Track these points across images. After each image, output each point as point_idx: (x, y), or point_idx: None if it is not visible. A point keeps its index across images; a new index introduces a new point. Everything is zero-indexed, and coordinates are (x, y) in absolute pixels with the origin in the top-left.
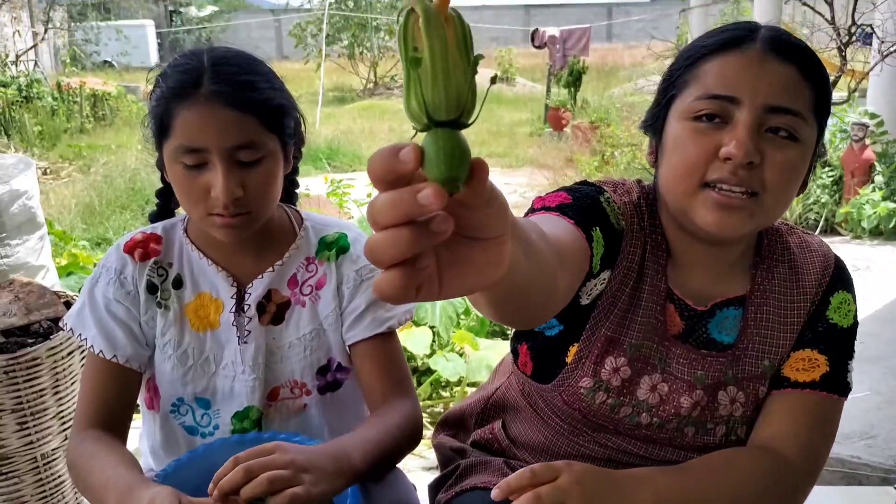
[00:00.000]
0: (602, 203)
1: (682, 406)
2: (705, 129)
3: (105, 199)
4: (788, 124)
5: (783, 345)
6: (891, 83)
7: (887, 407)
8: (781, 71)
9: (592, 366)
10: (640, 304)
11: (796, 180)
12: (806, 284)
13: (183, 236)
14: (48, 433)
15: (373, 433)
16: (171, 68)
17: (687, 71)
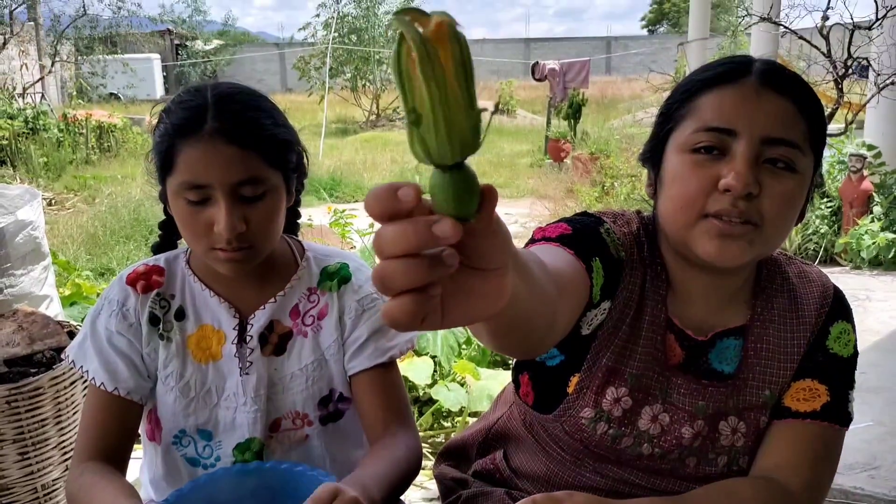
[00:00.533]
0: (602, 234)
1: (684, 436)
2: (704, 162)
3: (109, 229)
4: (786, 155)
5: (783, 374)
6: (888, 115)
7: (890, 438)
8: (777, 103)
9: (594, 396)
10: (641, 333)
11: (794, 210)
12: (805, 314)
13: (185, 268)
14: (49, 463)
15: (385, 467)
16: (175, 104)
17: (683, 104)
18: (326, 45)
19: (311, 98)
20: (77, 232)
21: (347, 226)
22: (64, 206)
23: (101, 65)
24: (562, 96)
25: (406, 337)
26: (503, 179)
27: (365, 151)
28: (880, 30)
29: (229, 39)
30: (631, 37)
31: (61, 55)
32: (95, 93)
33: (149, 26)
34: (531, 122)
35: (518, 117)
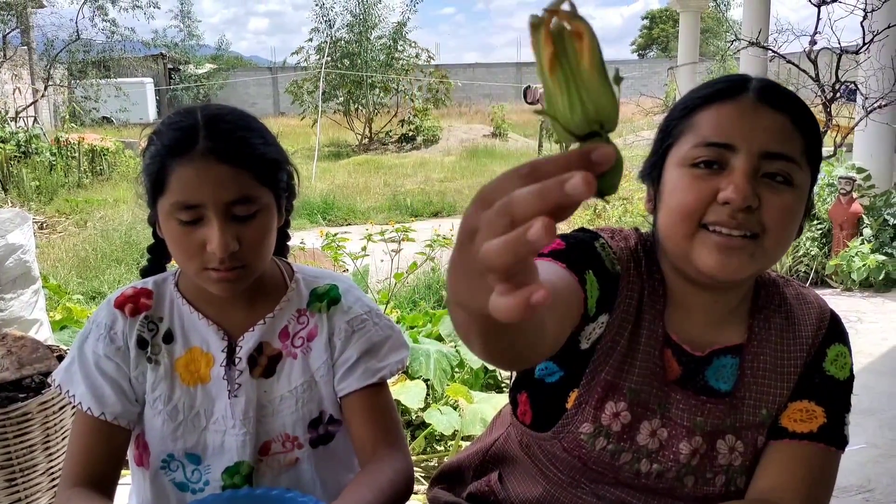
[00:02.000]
0: (597, 248)
1: (682, 452)
2: (703, 175)
3: (101, 252)
4: (784, 169)
5: (780, 394)
6: (876, 138)
7: (884, 460)
8: (775, 118)
9: (593, 411)
10: (639, 348)
11: (794, 223)
12: (802, 335)
13: (174, 290)
14: (37, 490)
15: (366, 494)
16: (166, 126)
17: (683, 121)
18: (319, 69)
19: (303, 122)
20: (68, 255)
21: (340, 249)
22: (55, 230)
23: (93, 89)
24: None
25: (396, 357)
26: None
27: (357, 175)
28: (867, 54)
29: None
30: (621, 61)
31: (54, 79)
32: (88, 116)
33: (142, 51)
34: (523, 145)
35: (510, 140)
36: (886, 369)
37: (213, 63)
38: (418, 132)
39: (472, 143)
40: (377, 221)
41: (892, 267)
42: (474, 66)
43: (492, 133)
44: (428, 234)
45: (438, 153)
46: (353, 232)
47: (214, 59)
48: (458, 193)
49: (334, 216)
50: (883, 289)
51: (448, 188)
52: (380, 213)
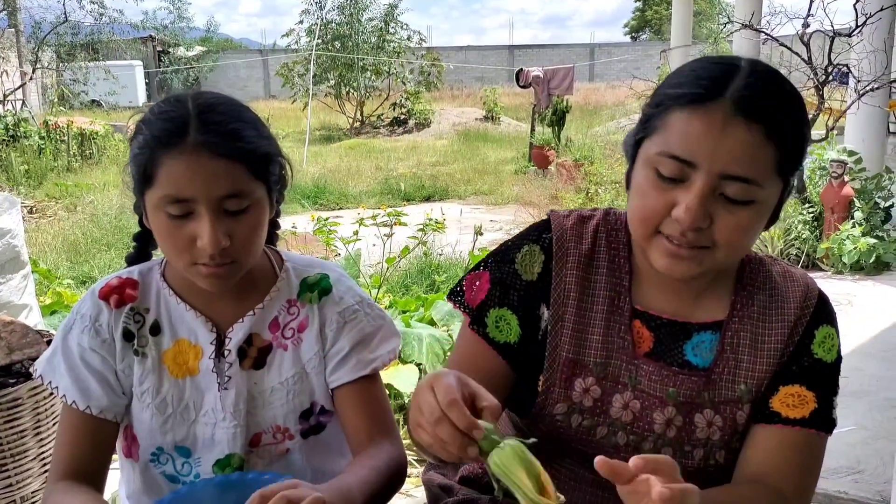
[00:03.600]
0: (516, 265)
1: (655, 422)
2: (663, 186)
3: (91, 237)
4: (742, 192)
5: (760, 370)
6: (868, 121)
7: (873, 442)
8: (743, 139)
9: (563, 391)
10: (597, 322)
11: (749, 236)
12: (785, 311)
13: (160, 281)
14: (28, 475)
15: (368, 473)
16: (155, 115)
17: (656, 116)
18: (310, 51)
19: (294, 105)
20: (58, 240)
21: (332, 233)
22: (45, 214)
23: (82, 72)
24: (546, 103)
25: (388, 348)
26: (487, 186)
27: (349, 159)
28: (860, 37)
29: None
30: (614, 44)
31: (42, 62)
32: (77, 100)
33: (131, 33)
34: (515, 129)
35: (502, 124)
36: (876, 352)
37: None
38: (410, 116)
39: (465, 126)
40: (369, 206)
41: (882, 250)
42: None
43: (484, 116)
44: (420, 219)
45: (430, 137)
46: (344, 216)
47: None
48: (451, 177)
49: (326, 200)
50: (873, 272)
51: (440, 172)
52: (372, 198)
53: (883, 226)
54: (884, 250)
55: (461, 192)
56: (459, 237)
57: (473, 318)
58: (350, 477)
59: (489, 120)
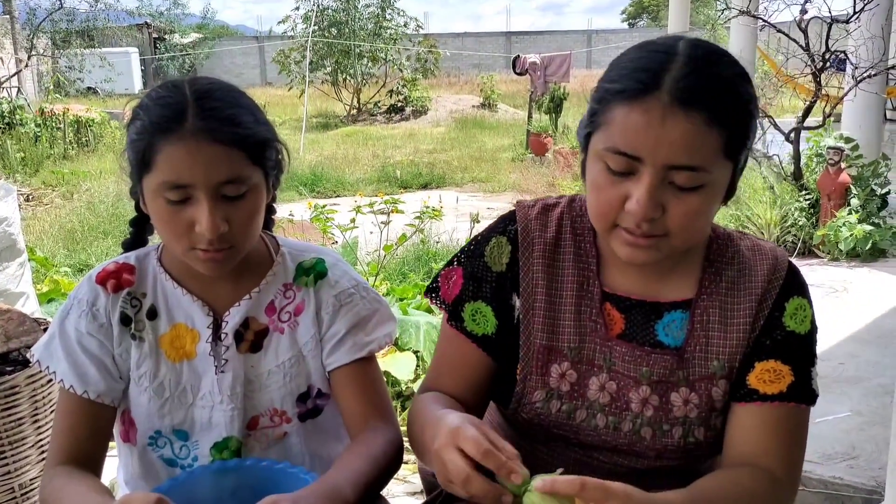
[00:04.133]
0: (486, 258)
1: (632, 402)
2: (614, 181)
3: (87, 225)
4: (690, 180)
5: (731, 345)
6: (865, 108)
7: (868, 428)
8: (683, 129)
9: (539, 377)
10: (568, 307)
11: (704, 218)
12: (753, 284)
13: (157, 266)
14: (26, 462)
15: (361, 464)
16: (152, 101)
17: (600, 111)
18: (306, 38)
19: (291, 92)
20: (54, 228)
21: (329, 221)
22: (41, 202)
23: (78, 59)
24: (543, 90)
25: (384, 331)
26: (485, 174)
27: (346, 146)
28: (857, 23)
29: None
30: (612, 30)
31: (37, 49)
32: (73, 87)
33: (126, 20)
34: (513, 116)
35: (499, 111)
36: (872, 338)
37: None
38: (407, 103)
39: (462, 113)
40: (366, 193)
41: (878, 237)
42: (463, 35)
43: (481, 104)
44: (417, 206)
45: (427, 124)
46: (341, 204)
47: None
48: (448, 165)
49: (323, 188)
50: (869, 259)
51: (437, 160)
52: (369, 185)
53: (879, 213)
54: (880, 237)
55: (458, 180)
56: (457, 225)
57: (450, 313)
58: (339, 473)
59: (486, 107)
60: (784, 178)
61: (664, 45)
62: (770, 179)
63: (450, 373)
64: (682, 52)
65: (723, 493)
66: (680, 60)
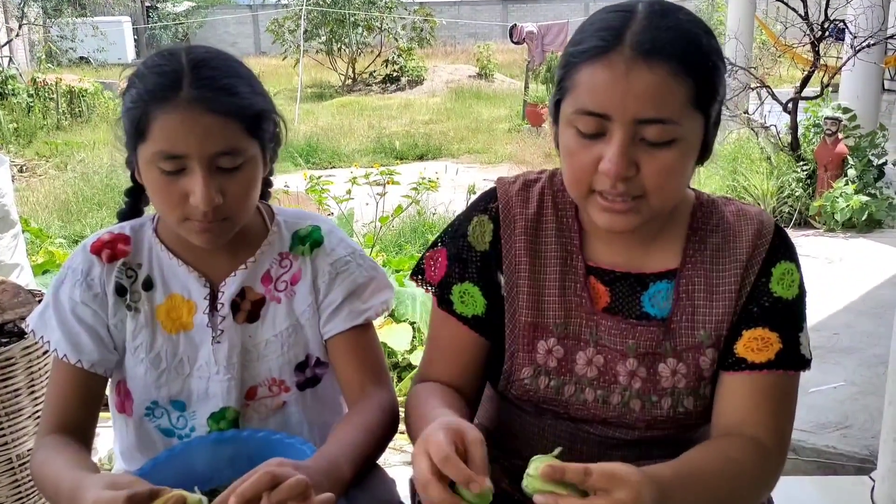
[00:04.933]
0: (468, 238)
1: (620, 375)
2: (586, 144)
3: (82, 196)
4: (660, 133)
5: (717, 314)
6: (863, 78)
7: (862, 397)
8: (649, 81)
9: (526, 354)
10: (552, 283)
11: (680, 176)
12: (737, 251)
13: (152, 236)
14: (23, 433)
15: (357, 436)
16: (148, 69)
17: (567, 76)
18: (300, 7)
19: (285, 62)
20: (49, 199)
21: (324, 192)
22: (35, 173)
23: (70, 28)
24: (540, 60)
25: (381, 298)
26: (480, 145)
27: (342, 116)
28: None
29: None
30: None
31: (28, 18)
32: (65, 56)
33: None
34: (509, 86)
35: (496, 81)
36: (866, 309)
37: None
38: (403, 73)
39: (458, 83)
40: (362, 164)
41: (874, 208)
42: (459, 3)
43: (477, 74)
44: (413, 177)
45: (423, 94)
46: (337, 175)
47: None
48: (444, 136)
49: (318, 159)
50: (865, 230)
51: (433, 130)
52: (364, 156)
53: (876, 183)
54: (876, 208)
55: (454, 151)
56: (453, 196)
57: (439, 297)
58: (338, 449)
59: (482, 77)
60: (781, 149)
61: (624, 5)
62: (767, 150)
63: (443, 357)
64: (642, 10)
65: (710, 465)
66: (639, 17)
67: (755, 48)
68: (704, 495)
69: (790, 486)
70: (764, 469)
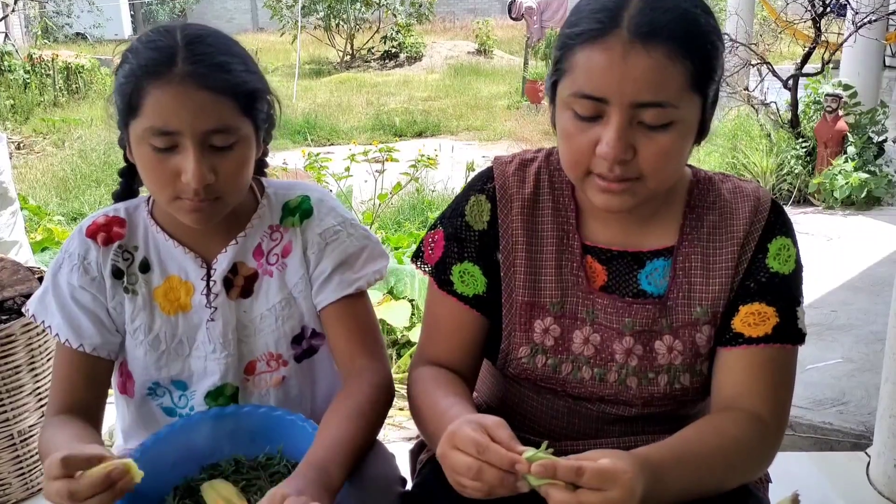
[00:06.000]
0: (466, 217)
1: (616, 353)
2: (583, 126)
3: (79, 173)
4: (658, 117)
5: (714, 290)
6: (864, 54)
7: (858, 374)
8: (646, 64)
9: (523, 333)
10: (549, 262)
11: (676, 158)
12: (734, 227)
13: (147, 218)
14: (24, 410)
15: (348, 429)
16: (142, 44)
17: (563, 58)
18: None
19: (283, 38)
20: (47, 176)
21: (323, 169)
22: (33, 150)
23: (66, 3)
24: (539, 36)
25: (373, 267)
26: (480, 122)
27: (340, 93)
28: None
29: None
30: None
31: None
32: (61, 32)
33: None
34: (508, 62)
35: (495, 58)
36: (864, 286)
37: None
38: (401, 49)
39: (457, 60)
40: (360, 141)
41: (874, 185)
42: None
43: (476, 50)
44: (412, 154)
45: (422, 71)
46: (335, 152)
47: None
48: (443, 113)
49: (316, 136)
50: (864, 207)
51: (432, 107)
52: (363, 133)
53: (875, 161)
54: (875, 185)
55: (453, 128)
56: (452, 173)
57: (439, 279)
58: (323, 450)
59: (482, 53)
60: (781, 126)
61: None
62: (767, 127)
63: (444, 337)
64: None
65: (706, 442)
66: (633, 6)
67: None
68: (701, 472)
69: (787, 461)
70: (761, 443)
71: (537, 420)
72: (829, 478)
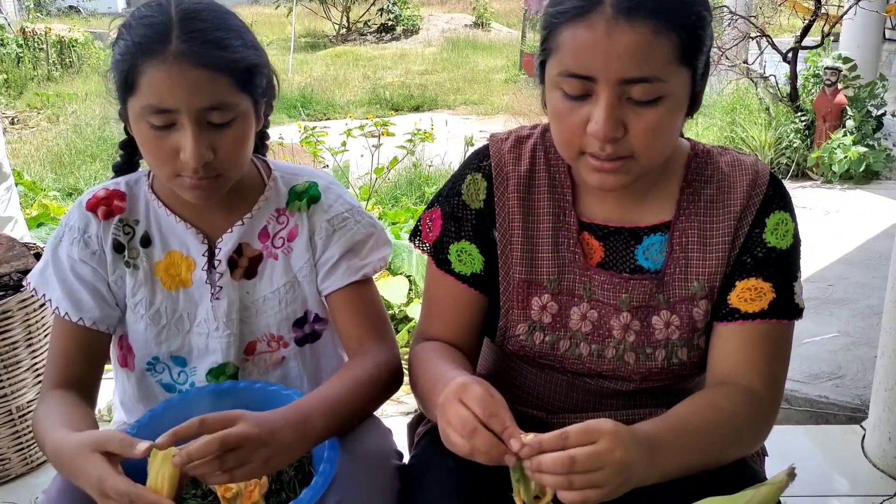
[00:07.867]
0: (463, 196)
1: (614, 329)
2: (573, 106)
3: (75, 148)
4: (646, 92)
5: (711, 265)
6: (864, 27)
7: (854, 348)
8: (631, 40)
9: (521, 311)
10: (545, 240)
11: (667, 133)
12: (731, 201)
13: (148, 192)
14: (22, 385)
15: (340, 390)
16: (136, 20)
17: (549, 38)
18: None
19: (278, 11)
20: (41, 151)
21: (319, 144)
22: (27, 125)
23: None
24: (537, 8)
25: (379, 255)
26: (477, 96)
27: (336, 67)
28: None
29: None
30: None
31: None
32: (54, 6)
33: None
34: (506, 35)
35: (493, 31)
36: (861, 260)
37: None
38: (398, 22)
39: (454, 33)
40: (357, 116)
41: (872, 159)
42: None
43: (474, 23)
44: (409, 129)
45: (419, 44)
46: (332, 126)
47: None
48: (440, 86)
49: (313, 110)
50: (862, 181)
51: (429, 81)
52: (359, 107)
53: (874, 134)
54: (874, 159)
55: (450, 102)
56: (449, 148)
57: (437, 258)
58: (311, 400)
59: (479, 26)
60: (780, 100)
61: None
62: (766, 100)
63: (442, 316)
64: None
65: (701, 416)
66: None
67: None
68: (697, 446)
69: (782, 435)
70: (757, 417)
71: (536, 394)
72: (824, 451)
